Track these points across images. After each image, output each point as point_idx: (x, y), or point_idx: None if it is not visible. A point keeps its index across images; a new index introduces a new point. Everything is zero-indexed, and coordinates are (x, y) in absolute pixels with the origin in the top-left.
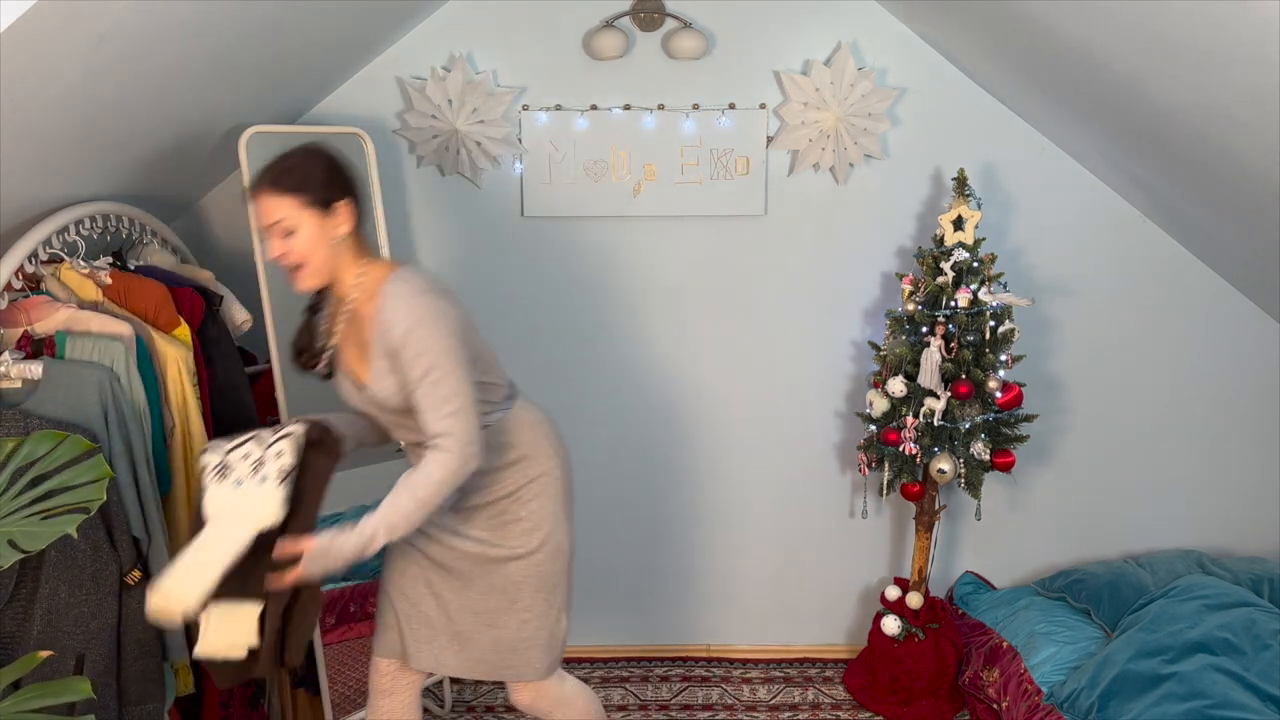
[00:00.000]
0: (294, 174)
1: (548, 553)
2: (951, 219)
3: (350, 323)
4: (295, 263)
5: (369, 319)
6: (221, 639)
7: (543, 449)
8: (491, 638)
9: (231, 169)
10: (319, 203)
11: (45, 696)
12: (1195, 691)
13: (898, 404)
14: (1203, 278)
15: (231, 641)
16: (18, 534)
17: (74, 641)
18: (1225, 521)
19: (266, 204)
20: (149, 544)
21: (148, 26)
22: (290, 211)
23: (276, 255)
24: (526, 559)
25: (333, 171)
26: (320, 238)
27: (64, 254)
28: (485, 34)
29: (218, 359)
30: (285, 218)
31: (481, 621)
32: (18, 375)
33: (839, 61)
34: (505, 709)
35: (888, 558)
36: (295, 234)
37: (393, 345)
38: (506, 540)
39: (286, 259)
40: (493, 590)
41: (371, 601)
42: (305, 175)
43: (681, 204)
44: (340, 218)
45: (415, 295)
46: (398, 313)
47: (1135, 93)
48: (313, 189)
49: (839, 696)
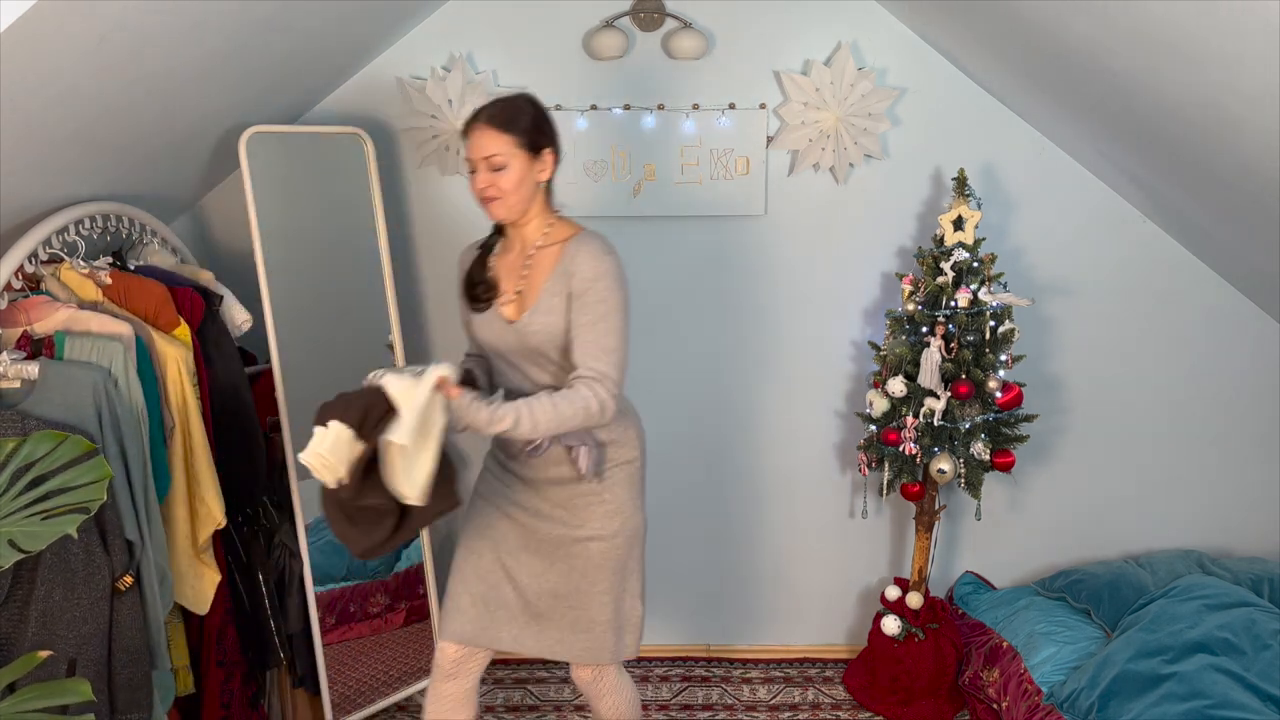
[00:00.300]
0: (512, 114)
1: (626, 537)
2: (951, 219)
3: (530, 266)
4: (496, 196)
5: (547, 265)
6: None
7: (630, 437)
8: (570, 619)
9: (231, 169)
10: (529, 145)
11: (45, 697)
12: (1195, 691)
13: (898, 404)
14: (1203, 278)
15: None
16: (18, 534)
17: (67, 645)
18: (1225, 521)
19: (484, 137)
20: (142, 548)
21: (148, 26)
22: (504, 148)
23: (482, 186)
24: (608, 541)
25: (544, 121)
26: (525, 178)
27: (64, 254)
28: (485, 34)
29: (218, 359)
30: (499, 153)
31: (561, 603)
32: (16, 375)
33: (839, 61)
34: (505, 709)
35: (888, 558)
36: (504, 169)
37: (575, 289)
38: (589, 522)
39: (489, 191)
40: (573, 572)
41: (372, 602)
42: (522, 117)
43: (681, 204)
44: (544, 164)
45: (606, 254)
46: (588, 262)
47: (1135, 93)
48: (527, 131)
49: (839, 696)
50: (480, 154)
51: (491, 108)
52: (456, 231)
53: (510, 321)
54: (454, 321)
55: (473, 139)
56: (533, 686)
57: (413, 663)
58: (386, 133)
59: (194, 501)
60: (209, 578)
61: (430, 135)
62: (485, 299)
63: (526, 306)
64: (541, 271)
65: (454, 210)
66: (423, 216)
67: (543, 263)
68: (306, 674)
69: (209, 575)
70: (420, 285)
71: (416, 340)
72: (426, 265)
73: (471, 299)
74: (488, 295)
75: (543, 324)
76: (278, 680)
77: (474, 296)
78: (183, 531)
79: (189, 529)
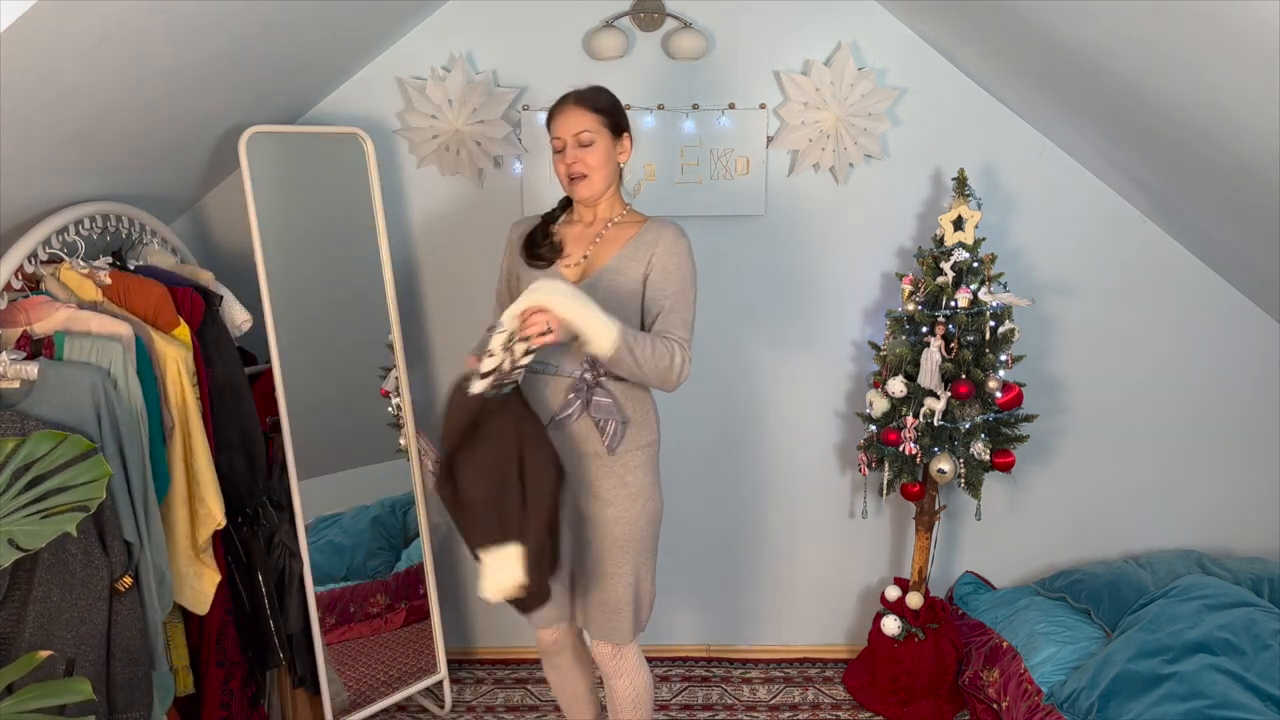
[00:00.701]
0: (600, 97)
1: (647, 518)
2: (951, 219)
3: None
4: (583, 172)
5: (621, 239)
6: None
7: (652, 419)
8: (599, 598)
9: (231, 169)
10: (612, 126)
11: (46, 697)
12: (1195, 691)
13: (898, 404)
14: (1203, 278)
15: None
16: (18, 533)
17: (65, 645)
18: (1225, 521)
19: (574, 115)
20: (140, 548)
21: (148, 26)
22: (592, 126)
23: (570, 162)
24: (631, 523)
25: (621, 106)
26: (608, 157)
27: (64, 254)
28: (485, 34)
29: (218, 359)
30: (588, 129)
31: (592, 582)
32: (15, 376)
33: (839, 61)
34: (505, 709)
35: (888, 558)
36: (590, 147)
37: (658, 264)
38: (616, 501)
39: (577, 167)
40: (601, 551)
41: (372, 602)
42: (605, 99)
43: (681, 204)
44: (623, 146)
45: (685, 238)
46: (674, 243)
47: (1135, 93)
48: (609, 112)
49: (839, 696)
50: (569, 130)
51: (580, 92)
52: (457, 231)
53: (575, 282)
54: (454, 322)
55: (561, 118)
56: (533, 686)
57: (413, 663)
58: (386, 133)
59: (194, 502)
60: (209, 578)
61: (430, 135)
62: (548, 258)
63: (591, 269)
64: (614, 244)
65: (454, 210)
66: (423, 216)
67: (616, 237)
68: (306, 674)
69: (209, 575)
70: (420, 285)
71: (417, 340)
72: (426, 265)
73: (533, 256)
74: (551, 255)
75: (611, 283)
76: (278, 680)
77: (536, 255)
78: (183, 532)
79: (189, 529)
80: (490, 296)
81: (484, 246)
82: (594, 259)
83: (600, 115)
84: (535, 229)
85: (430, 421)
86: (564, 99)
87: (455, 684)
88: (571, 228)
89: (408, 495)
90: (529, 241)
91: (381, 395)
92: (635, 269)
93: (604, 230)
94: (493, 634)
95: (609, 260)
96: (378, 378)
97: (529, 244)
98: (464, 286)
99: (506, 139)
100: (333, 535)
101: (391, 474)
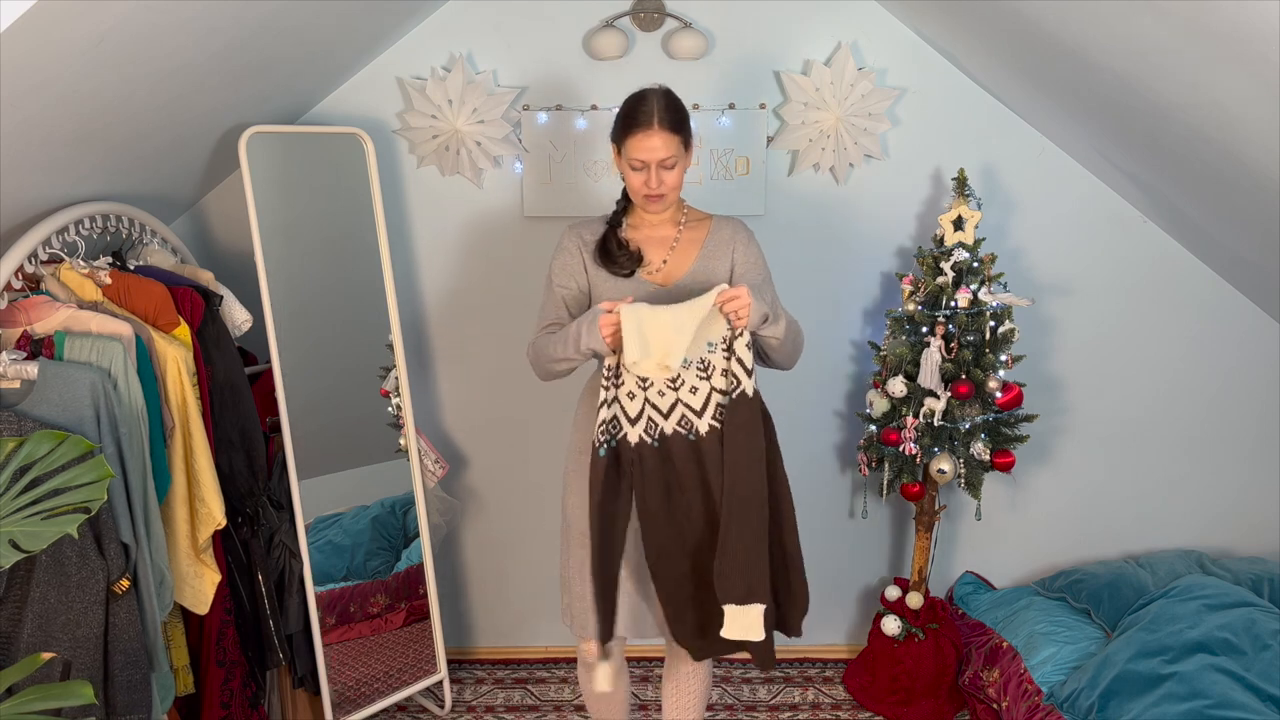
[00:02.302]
0: (682, 117)
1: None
2: (951, 219)
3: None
4: (663, 194)
5: (697, 239)
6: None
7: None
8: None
9: (231, 169)
10: (688, 144)
11: (48, 699)
12: (1195, 691)
13: (898, 404)
14: (1203, 278)
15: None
16: (19, 534)
17: (63, 647)
18: (1225, 521)
19: (661, 141)
20: (138, 550)
21: (148, 26)
22: (678, 149)
23: (654, 186)
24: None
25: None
26: (682, 174)
27: (64, 254)
28: (485, 34)
29: (218, 359)
30: (674, 154)
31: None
32: (15, 376)
33: (839, 62)
34: (505, 709)
35: (888, 558)
36: (674, 169)
37: (740, 258)
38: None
39: (660, 188)
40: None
41: (372, 602)
42: (686, 116)
43: None
44: (691, 155)
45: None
46: (747, 237)
47: (1135, 93)
48: (688, 131)
49: (839, 696)
50: (655, 157)
51: (662, 110)
52: (456, 231)
53: (663, 286)
54: (454, 321)
55: (647, 141)
56: (533, 686)
57: (413, 663)
58: (386, 133)
59: (194, 502)
60: (209, 578)
61: (430, 135)
62: (629, 266)
63: (677, 273)
64: (690, 246)
65: (454, 210)
66: (423, 216)
67: (690, 239)
68: (306, 674)
69: (209, 575)
70: (420, 285)
71: (417, 340)
72: (426, 265)
73: (615, 266)
74: (631, 264)
75: (705, 286)
76: (278, 680)
77: (617, 264)
78: (183, 532)
79: (189, 529)
80: (490, 296)
81: (484, 247)
82: (674, 263)
83: (682, 137)
84: (606, 236)
85: (430, 422)
86: (647, 120)
87: (455, 684)
88: (639, 232)
89: (408, 495)
90: (604, 250)
91: (381, 395)
92: (721, 267)
93: (677, 233)
94: (493, 634)
95: (693, 263)
96: (378, 378)
97: (604, 253)
98: (464, 287)
99: (506, 139)
100: (333, 535)
101: (391, 474)
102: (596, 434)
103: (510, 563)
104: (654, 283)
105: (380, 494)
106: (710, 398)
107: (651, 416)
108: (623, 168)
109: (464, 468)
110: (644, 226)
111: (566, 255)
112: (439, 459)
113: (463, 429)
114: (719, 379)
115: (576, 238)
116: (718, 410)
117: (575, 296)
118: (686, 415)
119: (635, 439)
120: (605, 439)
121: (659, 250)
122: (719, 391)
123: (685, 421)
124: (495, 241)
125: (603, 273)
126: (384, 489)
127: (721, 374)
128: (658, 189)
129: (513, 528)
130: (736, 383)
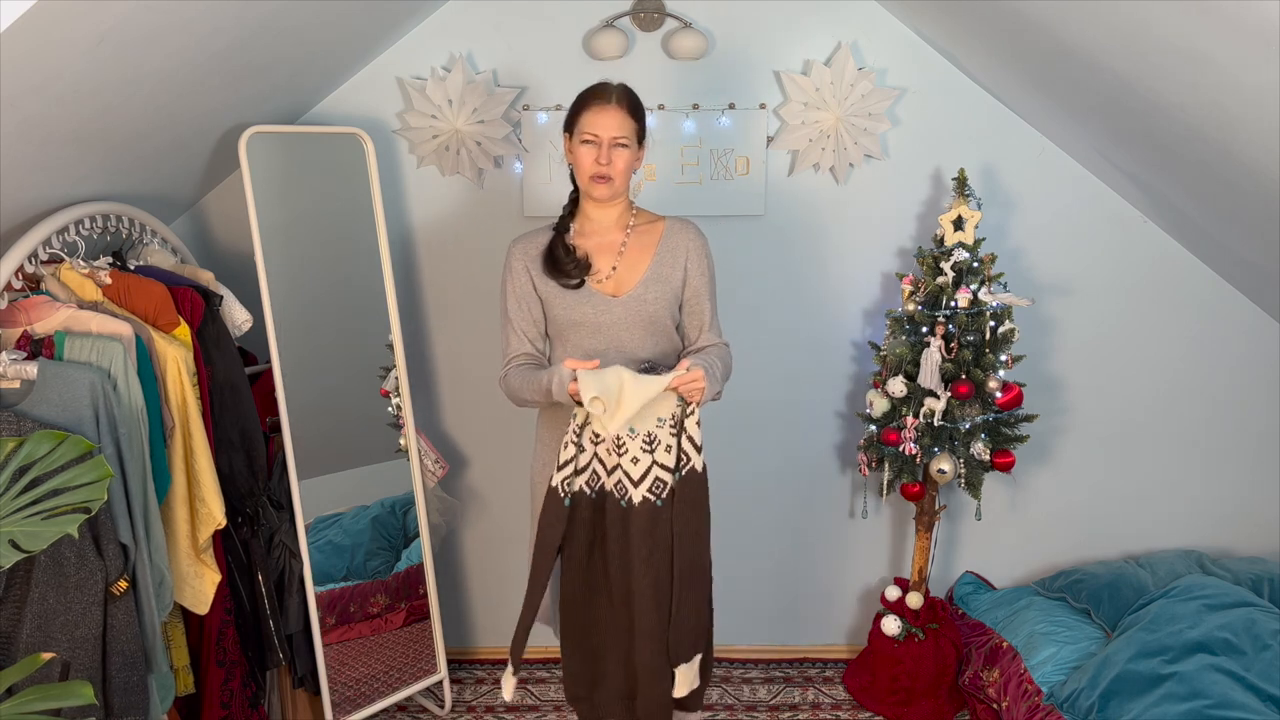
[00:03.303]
0: (636, 103)
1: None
2: (951, 219)
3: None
4: (609, 175)
5: (648, 243)
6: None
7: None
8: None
9: (231, 169)
10: (639, 135)
11: (48, 699)
12: (1195, 691)
13: (898, 404)
14: (1203, 278)
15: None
16: (19, 534)
17: (61, 648)
18: (1225, 521)
19: (616, 117)
20: (137, 551)
21: (148, 26)
22: (629, 133)
23: (602, 163)
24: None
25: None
26: (631, 163)
27: (64, 254)
28: (485, 34)
29: (218, 359)
30: (626, 136)
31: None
32: (15, 376)
33: (839, 62)
34: (505, 709)
35: (888, 558)
36: (625, 150)
37: (693, 265)
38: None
39: (606, 169)
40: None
41: (372, 602)
42: (641, 107)
43: (681, 204)
44: (641, 154)
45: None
46: (699, 242)
47: (1135, 93)
48: (643, 124)
49: (839, 696)
50: (609, 132)
51: (621, 91)
52: (456, 231)
53: (614, 296)
54: (453, 321)
55: (603, 116)
56: (533, 686)
57: (413, 663)
58: (386, 133)
59: (194, 502)
60: (209, 578)
61: (430, 135)
62: (577, 275)
63: (628, 281)
64: (641, 251)
65: (454, 210)
66: (423, 216)
67: (641, 244)
68: (306, 674)
69: (209, 575)
70: (420, 285)
71: (416, 340)
72: (426, 265)
73: (562, 276)
74: (579, 272)
75: (659, 293)
76: (278, 680)
77: (565, 274)
78: (183, 532)
79: (189, 529)
80: (490, 296)
81: (484, 247)
82: (624, 271)
83: (637, 124)
84: (552, 244)
85: (430, 422)
86: (607, 95)
87: (455, 684)
88: (587, 239)
89: (408, 495)
90: (550, 260)
91: (381, 395)
92: (675, 274)
93: (625, 237)
94: (493, 634)
95: (647, 270)
96: (378, 378)
97: (551, 262)
98: (464, 287)
99: (506, 139)
100: (333, 535)
101: (391, 474)
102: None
103: (510, 563)
104: (604, 292)
105: (380, 494)
106: (650, 470)
107: (596, 470)
108: (574, 149)
109: (464, 468)
110: (591, 233)
111: (515, 279)
112: (439, 459)
113: (463, 429)
114: (662, 454)
115: (522, 254)
116: (654, 484)
117: (534, 322)
118: (623, 481)
119: (577, 486)
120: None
121: (607, 257)
122: (661, 467)
123: (621, 487)
124: (495, 241)
125: (552, 285)
126: (384, 489)
127: (665, 449)
128: (607, 166)
129: (513, 528)
130: (687, 459)
